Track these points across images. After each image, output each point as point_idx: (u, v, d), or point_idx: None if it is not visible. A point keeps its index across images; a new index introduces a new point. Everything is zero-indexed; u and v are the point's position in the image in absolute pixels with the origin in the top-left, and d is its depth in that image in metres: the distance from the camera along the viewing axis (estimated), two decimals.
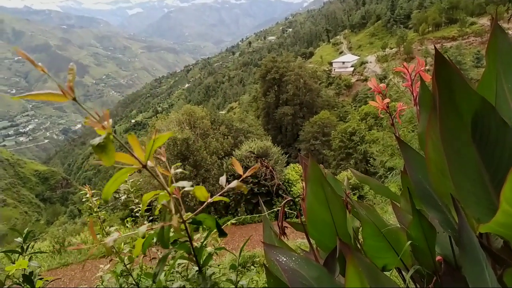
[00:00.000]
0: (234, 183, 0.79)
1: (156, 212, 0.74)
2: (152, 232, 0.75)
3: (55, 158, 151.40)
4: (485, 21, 62.55)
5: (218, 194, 0.83)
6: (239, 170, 0.83)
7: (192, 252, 0.85)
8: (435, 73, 0.86)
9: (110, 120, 0.56)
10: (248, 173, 0.83)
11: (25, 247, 1.26)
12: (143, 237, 0.75)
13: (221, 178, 0.84)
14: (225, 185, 0.80)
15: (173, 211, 0.72)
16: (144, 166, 0.63)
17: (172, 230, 0.75)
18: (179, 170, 0.90)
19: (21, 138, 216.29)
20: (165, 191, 0.73)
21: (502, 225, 0.81)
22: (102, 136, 0.55)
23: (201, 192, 0.77)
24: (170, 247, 0.80)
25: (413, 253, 1.22)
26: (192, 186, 0.76)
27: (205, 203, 0.81)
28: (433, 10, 69.87)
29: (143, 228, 0.74)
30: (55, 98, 0.55)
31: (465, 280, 0.95)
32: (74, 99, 0.55)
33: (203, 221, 0.80)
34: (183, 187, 0.74)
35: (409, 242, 1.16)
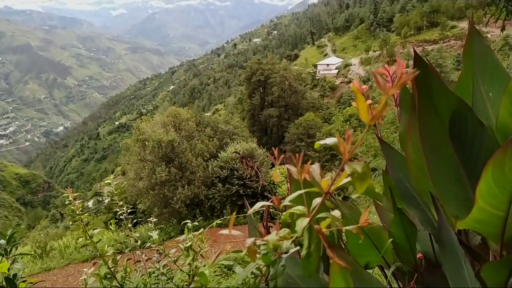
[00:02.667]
0: None
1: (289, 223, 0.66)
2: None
3: (37, 161, 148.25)
4: (465, 24, 63.97)
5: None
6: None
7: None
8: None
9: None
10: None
11: (8, 249, 1.23)
12: (274, 250, 0.68)
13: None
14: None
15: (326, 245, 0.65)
16: (326, 193, 0.61)
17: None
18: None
19: (1, 141, 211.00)
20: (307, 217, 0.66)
21: (478, 222, 0.83)
22: (360, 168, 0.53)
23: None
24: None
25: (395, 251, 1.24)
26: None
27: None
28: (415, 14, 71.21)
29: (273, 237, 0.68)
30: (361, 111, 0.54)
31: (445, 276, 0.97)
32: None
33: None
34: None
35: (391, 240, 1.19)
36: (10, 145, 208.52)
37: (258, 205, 0.77)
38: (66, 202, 1.70)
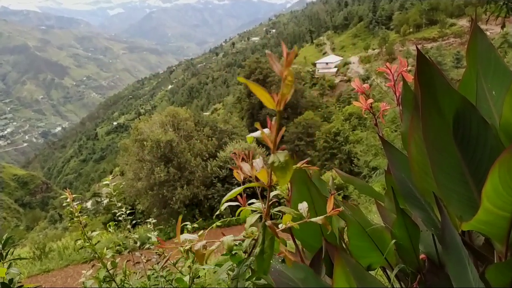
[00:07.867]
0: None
1: (247, 227, 0.65)
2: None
3: (35, 162, 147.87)
4: (464, 22, 64.00)
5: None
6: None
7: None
8: (417, 73, 0.86)
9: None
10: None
11: (4, 254, 1.21)
12: (229, 250, 0.69)
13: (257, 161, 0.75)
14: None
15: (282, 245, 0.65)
16: (269, 186, 0.61)
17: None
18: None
19: None
20: (263, 216, 0.65)
21: (483, 223, 0.82)
22: (283, 157, 0.52)
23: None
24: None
25: (398, 252, 1.22)
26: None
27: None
28: (414, 12, 71.19)
29: (229, 239, 0.68)
30: (265, 101, 0.53)
31: (449, 277, 0.96)
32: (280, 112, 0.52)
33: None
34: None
35: (394, 241, 1.17)
36: (8, 146, 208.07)
37: (225, 205, 0.80)
38: (64, 204, 1.69)
